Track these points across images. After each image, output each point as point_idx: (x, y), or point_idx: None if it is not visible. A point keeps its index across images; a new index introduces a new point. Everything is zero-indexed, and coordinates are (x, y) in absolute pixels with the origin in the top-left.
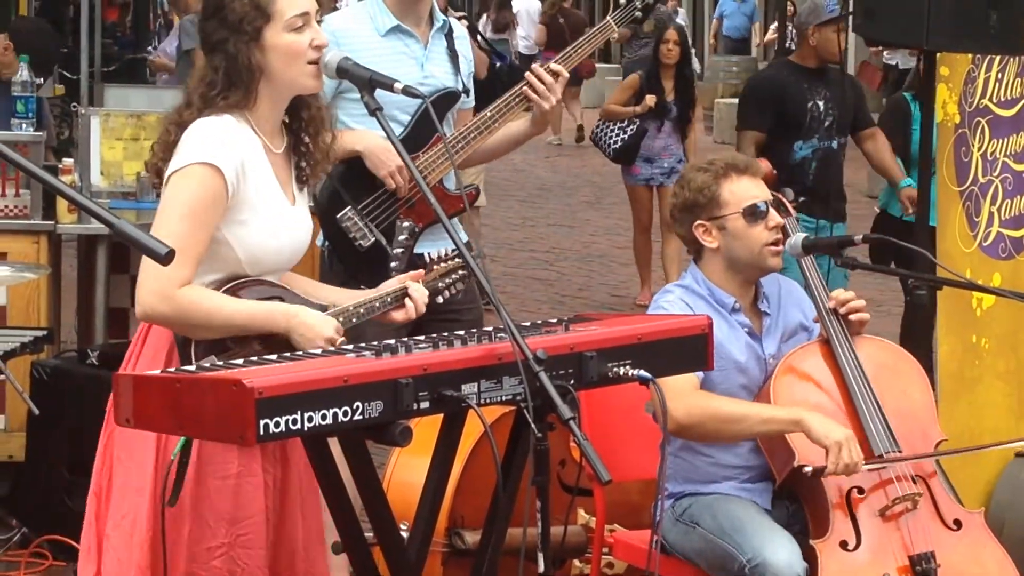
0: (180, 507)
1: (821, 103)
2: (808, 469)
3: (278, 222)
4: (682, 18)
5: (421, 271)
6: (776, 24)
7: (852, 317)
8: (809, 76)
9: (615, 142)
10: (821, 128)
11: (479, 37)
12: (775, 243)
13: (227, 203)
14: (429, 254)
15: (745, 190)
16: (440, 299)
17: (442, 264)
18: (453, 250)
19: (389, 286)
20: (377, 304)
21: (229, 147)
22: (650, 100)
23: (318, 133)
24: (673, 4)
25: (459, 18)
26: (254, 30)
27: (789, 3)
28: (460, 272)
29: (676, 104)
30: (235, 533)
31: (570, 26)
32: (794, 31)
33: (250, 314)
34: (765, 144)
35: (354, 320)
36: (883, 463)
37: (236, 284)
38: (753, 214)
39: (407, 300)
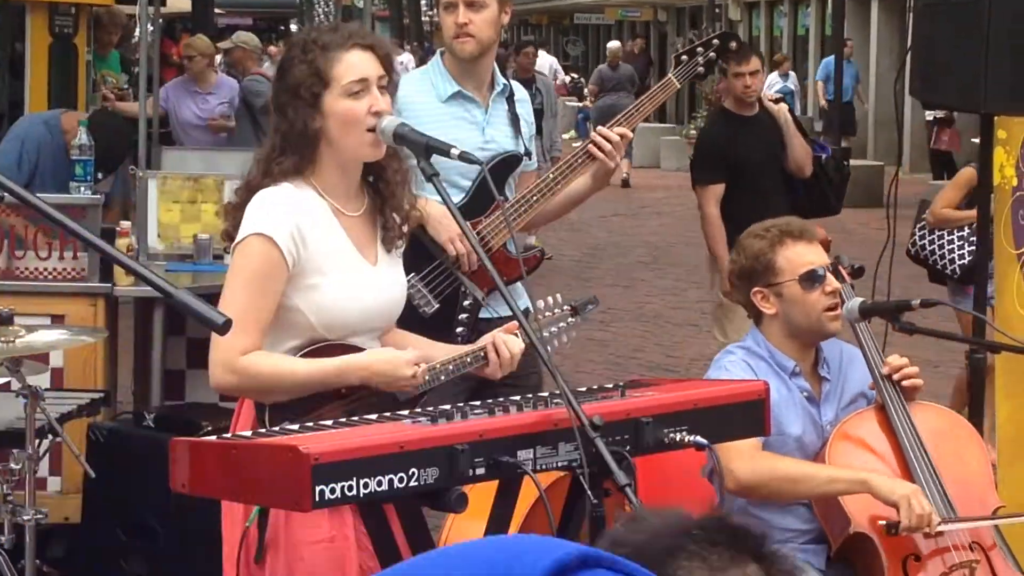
0: (274, 572)
1: None
2: (883, 523)
3: (355, 283)
4: (792, 82)
5: (515, 323)
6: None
7: (905, 383)
8: None
9: (960, 256)
10: None
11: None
12: (832, 308)
13: (288, 270)
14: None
15: (800, 256)
16: (556, 344)
17: (548, 314)
18: (577, 302)
19: (484, 341)
20: (469, 359)
21: (283, 216)
22: None
23: (393, 196)
24: (786, 66)
25: (775, 100)
26: (312, 96)
27: None
28: (569, 320)
29: None
30: None
31: None
32: None
33: (320, 371)
34: None
35: (442, 377)
36: (956, 523)
37: (314, 349)
38: (810, 280)
39: (490, 355)
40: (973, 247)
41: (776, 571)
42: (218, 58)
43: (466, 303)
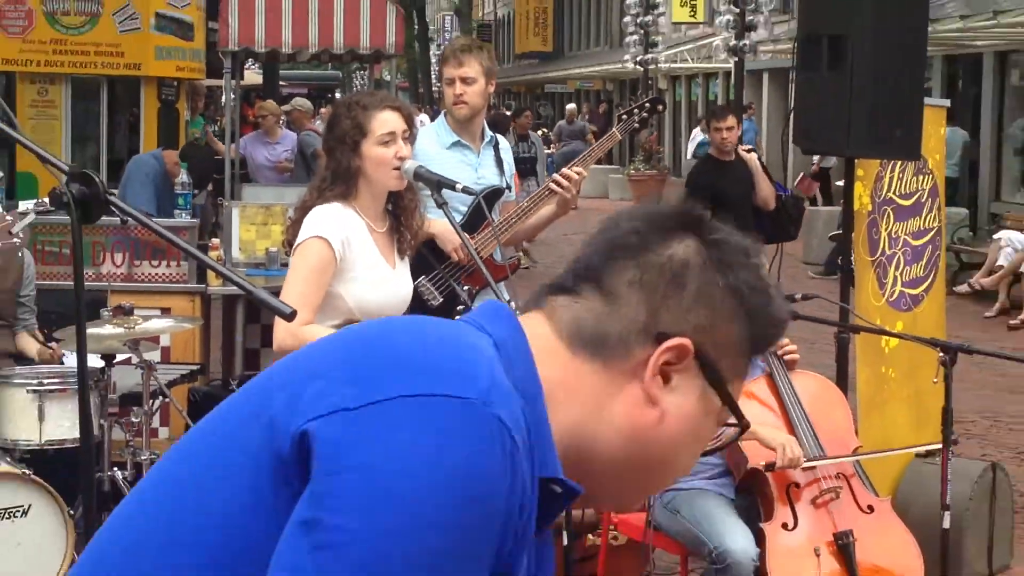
0: None
1: None
2: (763, 463)
3: (381, 280)
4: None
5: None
6: None
7: (787, 357)
8: None
9: None
10: None
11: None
12: None
13: (336, 266)
14: None
15: None
16: None
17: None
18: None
19: None
20: None
21: (336, 225)
22: None
23: (409, 219)
24: (752, 112)
25: (747, 151)
26: (353, 143)
27: None
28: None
29: None
30: None
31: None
32: None
33: None
34: None
35: None
36: (816, 462)
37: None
38: None
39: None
40: None
41: (716, 248)
42: (282, 117)
43: (462, 298)
